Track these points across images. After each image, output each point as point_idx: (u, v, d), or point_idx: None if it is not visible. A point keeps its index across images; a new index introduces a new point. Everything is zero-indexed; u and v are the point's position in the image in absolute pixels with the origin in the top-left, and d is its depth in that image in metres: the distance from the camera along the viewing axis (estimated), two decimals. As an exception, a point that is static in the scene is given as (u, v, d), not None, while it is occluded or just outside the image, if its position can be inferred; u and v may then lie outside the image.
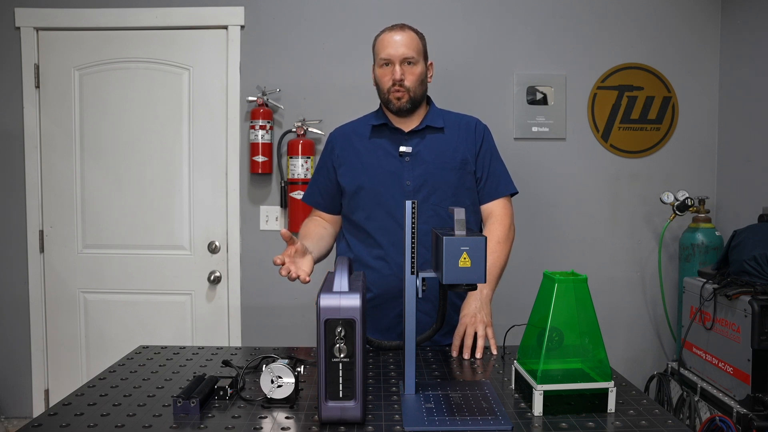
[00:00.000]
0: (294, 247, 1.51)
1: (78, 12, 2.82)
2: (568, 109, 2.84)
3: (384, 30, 1.79)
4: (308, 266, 1.53)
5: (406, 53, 1.72)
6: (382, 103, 1.81)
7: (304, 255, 1.55)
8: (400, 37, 1.73)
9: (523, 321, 1.36)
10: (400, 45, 1.72)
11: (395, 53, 1.72)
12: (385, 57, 1.73)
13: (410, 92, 1.74)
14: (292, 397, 1.21)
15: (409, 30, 1.77)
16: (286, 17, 2.83)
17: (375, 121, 1.82)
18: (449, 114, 1.85)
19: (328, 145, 1.88)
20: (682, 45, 2.84)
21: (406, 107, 1.75)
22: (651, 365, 2.86)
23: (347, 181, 1.79)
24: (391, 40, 1.73)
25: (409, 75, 1.73)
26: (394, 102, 1.75)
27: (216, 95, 2.86)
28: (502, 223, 1.78)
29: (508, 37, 2.83)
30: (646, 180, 2.86)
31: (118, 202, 2.88)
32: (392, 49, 1.72)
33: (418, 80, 1.75)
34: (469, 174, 1.78)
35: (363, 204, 1.77)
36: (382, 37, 1.77)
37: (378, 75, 1.78)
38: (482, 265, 1.17)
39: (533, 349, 1.22)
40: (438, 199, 1.73)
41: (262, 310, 2.88)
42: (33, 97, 2.85)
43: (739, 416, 2.02)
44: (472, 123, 1.84)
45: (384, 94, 1.77)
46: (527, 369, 1.23)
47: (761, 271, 2.06)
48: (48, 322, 2.91)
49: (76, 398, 1.27)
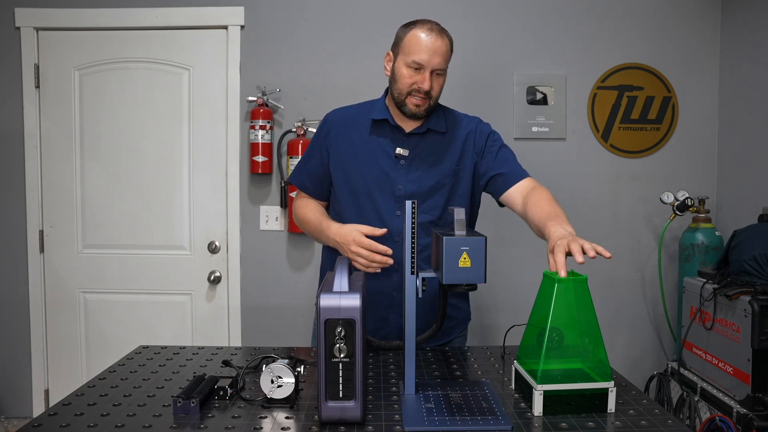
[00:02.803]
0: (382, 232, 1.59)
1: (78, 12, 2.82)
2: (568, 109, 2.84)
3: (419, 25, 1.65)
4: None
5: (441, 65, 1.63)
6: (397, 103, 1.69)
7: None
8: (439, 43, 1.62)
9: (523, 321, 1.35)
10: (437, 54, 1.61)
11: (430, 61, 1.61)
12: (419, 61, 1.61)
13: (432, 101, 1.67)
14: (292, 397, 1.21)
15: (446, 37, 1.66)
16: (286, 17, 2.83)
17: (376, 114, 1.73)
18: (450, 114, 1.79)
19: (324, 128, 1.79)
20: (682, 45, 2.84)
21: (422, 115, 1.68)
22: (651, 365, 2.86)
23: (338, 172, 1.74)
24: (429, 44, 1.61)
25: (436, 86, 1.65)
26: (411, 108, 1.66)
27: (216, 95, 2.86)
28: (543, 188, 1.68)
29: (508, 37, 2.83)
30: (646, 180, 2.86)
31: (118, 202, 2.88)
32: (427, 55, 1.61)
33: (441, 90, 1.69)
34: (464, 179, 1.72)
35: (352, 200, 1.72)
36: (418, 36, 1.63)
37: (401, 73, 1.65)
38: (482, 265, 1.17)
39: (533, 349, 1.23)
40: (428, 207, 1.69)
41: (262, 310, 2.88)
42: (33, 97, 2.85)
43: (739, 416, 2.02)
44: (472, 125, 1.77)
45: (401, 94, 1.66)
46: (527, 369, 1.23)
47: (761, 271, 2.06)
48: (48, 322, 2.91)
49: (76, 398, 1.27)
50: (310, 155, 1.81)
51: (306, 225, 1.79)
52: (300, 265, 2.87)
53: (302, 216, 1.80)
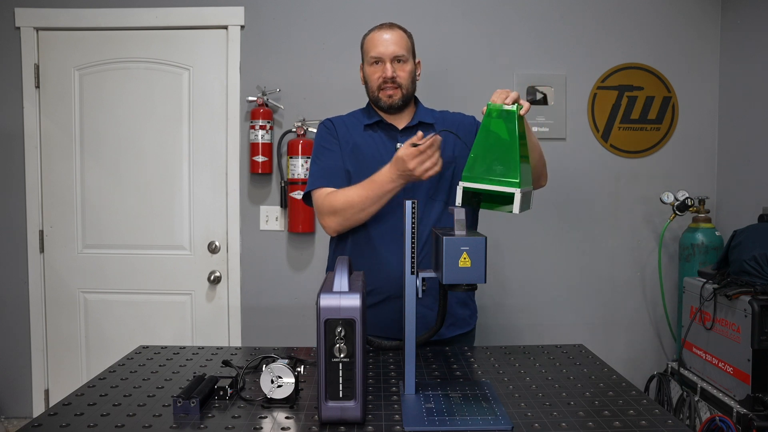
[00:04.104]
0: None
1: (78, 12, 2.82)
2: (568, 109, 2.84)
3: (372, 29, 1.81)
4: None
5: (397, 51, 1.74)
6: (372, 101, 1.82)
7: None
8: (389, 35, 1.76)
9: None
10: (390, 43, 1.74)
11: (386, 51, 1.74)
12: (376, 55, 1.75)
13: (403, 89, 1.75)
14: (292, 397, 1.21)
15: (398, 28, 1.79)
16: (286, 17, 2.83)
17: (368, 119, 1.81)
18: (435, 111, 1.87)
19: (328, 126, 1.82)
20: (682, 45, 2.84)
21: (398, 104, 1.77)
22: (651, 365, 2.86)
23: (349, 168, 1.76)
24: (380, 38, 1.76)
25: (401, 72, 1.75)
26: (385, 99, 1.76)
27: (216, 95, 2.86)
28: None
29: (508, 37, 2.83)
30: (646, 180, 2.86)
31: (118, 202, 2.88)
32: (382, 47, 1.74)
33: (410, 77, 1.77)
34: (461, 168, 1.75)
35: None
36: (371, 36, 1.79)
37: (368, 73, 1.79)
38: (482, 265, 1.17)
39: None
40: (435, 196, 1.74)
41: (262, 310, 2.88)
42: (33, 97, 2.85)
43: (739, 416, 2.02)
44: (458, 119, 1.85)
45: (374, 92, 1.78)
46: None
47: (761, 271, 2.06)
48: (48, 322, 2.91)
49: (76, 398, 1.27)
50: (325, 154, 1.78)
51: (355, 200, 1.65)
52: (300, 265, 2.87)
53: (344, 198, 1.67)
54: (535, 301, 2.84)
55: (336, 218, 1.69)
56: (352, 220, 1.69)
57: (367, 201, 1.64)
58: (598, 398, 1.27)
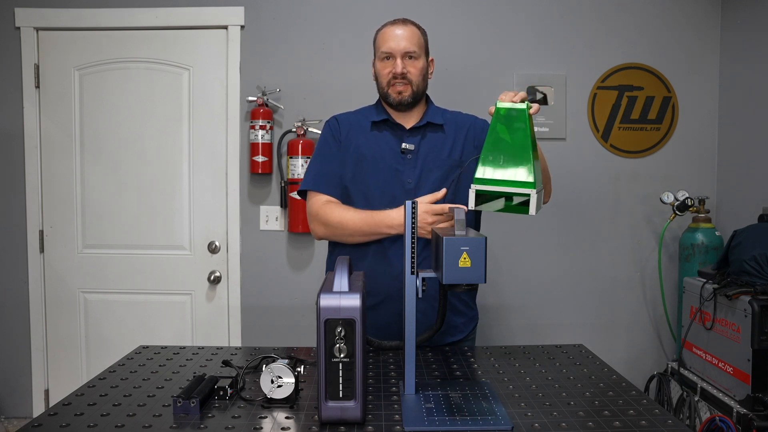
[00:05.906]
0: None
1: (78, 12, 2.82)
2: (568, 109, 2.84)
3: (385, 24, 1.79)
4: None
5: (408, 47, 1.72)
6: (381, 97, 1.80)
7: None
8: (401, 31, 1.73)
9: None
10: (401, 39, 1.72)
11: (397, 47, 1.72)
12: (387, 50, 1.73)
13: (413, 86, 1.74)
14: (292, 397, 1.21)
15: (411, 24, 1.77)
16: (286, 17, 2.83)
17: (376, 116, 1.79)
18: (447, 112, 1.84)
19: (333, 126, 1.82)
20: (682, 45, 2.84)
21: (408, 101, 1.75)
22: (651, 365, 2.86)
23: (349, 171, 1.76)
24: (392, 33, 1.74)
25: (411, 68, 1.73)
26: (394, 96, 1.74)
27: (216, 95, 2.86)
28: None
29: (508, 36, 2.83)
30: (646, 180, 2.86)
31: (118, 202, 2.88)
32: (394, 42, 1.72)
33: (420, 74, 1.75)
34: (468, 171, 1.73)
35: (363, 197, 1.74)
36: (383, 31, 1.77)
37: (378, 68, 1.77)
38: (482, 265, 1.17)
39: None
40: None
41: (262, 310, 2.88)
42: (33, 97, 2.85)
43: (739, 416, 2.02)
44: (469, 121, 1.83)
45: (383, 88, 1.76)
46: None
47: (761, 271, 2.06)
48: (48, 322, 2.91)
49: (76, 398, 1.27)
50: (325, 156, 1.79)
51: (348, 225, 1.69)
52: (300, 265, 2.87)
53: (339, 218, 1.70)
54: (535, 301, 2.84)
55: (324, 230, 1.76)
56: (339, 238, 1.75)
57: (357, 232, 1.69)
58: (598, 398, 1.27)
